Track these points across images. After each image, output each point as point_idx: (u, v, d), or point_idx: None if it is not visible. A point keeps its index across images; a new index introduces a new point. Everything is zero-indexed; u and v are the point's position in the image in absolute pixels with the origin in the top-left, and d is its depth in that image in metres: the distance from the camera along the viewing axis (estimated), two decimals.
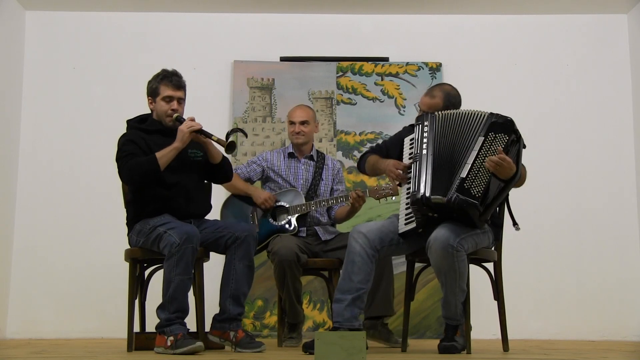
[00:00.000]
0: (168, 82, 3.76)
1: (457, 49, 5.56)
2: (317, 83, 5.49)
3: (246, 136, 4.89)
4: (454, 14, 5.58)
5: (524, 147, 3.50)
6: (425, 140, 3.47)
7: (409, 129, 3.73)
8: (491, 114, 3.45)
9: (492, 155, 3.32)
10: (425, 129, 3.49)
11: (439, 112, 3.55)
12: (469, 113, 3.49)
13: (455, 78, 5.47)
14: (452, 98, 3.69)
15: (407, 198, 3.51)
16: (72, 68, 5.47)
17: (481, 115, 3.46)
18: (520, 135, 3.44)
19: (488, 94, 5.38)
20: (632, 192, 5.36)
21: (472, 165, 3.33)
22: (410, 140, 3.61)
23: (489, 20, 5.59)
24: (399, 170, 3.56)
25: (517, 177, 3.37)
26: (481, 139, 3.38)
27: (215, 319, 3.70)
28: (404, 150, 3.66)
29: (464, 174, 3.32)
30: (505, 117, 3.43)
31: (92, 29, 5.52)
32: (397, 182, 3.68)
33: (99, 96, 5.44)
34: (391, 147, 3.79)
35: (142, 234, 3.65)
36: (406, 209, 3.51)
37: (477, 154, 3.35)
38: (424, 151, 3.45)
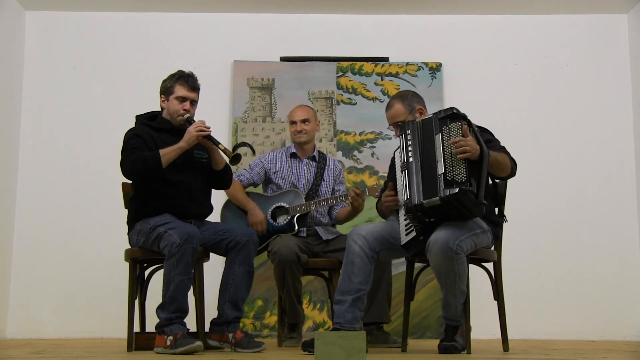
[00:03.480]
0: (184, 82, 3.77)
1: (457, 49, 5.57)
2: (317, 83, 5.48)
3: (253, 152, 4.85)
4: (454, 14, 5.58)
5: (485, 129, 3.57)
6: (410, 148, 3.49)
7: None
8: (434, 113, 3.49)
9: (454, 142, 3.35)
10: (409, 137, 3.52)
11: (417, 120, 3.56)
12: (426, 118, 3.51)
13: (455, 78, 5.50)
14: (409, 98, 3.76)
15: (403, 208, 3.51)
16: (72, 68, 5.47)
17: (429, 117, 3.49)
18: (468, 119, 3.43)
19: (488, 94, 5.39)
20: (632, 192, 5.36)
21: (444, 159, 3.35)
22: (399, 152, 3.62)
23: (489, 20, 5.59)
24: (389, 198, 3.58)
25: (485, 153, 3.35)
26: (438, 135, 3.41)
27: (214, 322, 3.71)
28: (396, 164, 3.67)
29: (441, 170, 3.34)
30: (448, 109, 3.46)
31: (92, 29, 5.52)
32: (395, 206, 3.64)
33: (99, 96, 5.44)
34: (391, 179, 3.78)
35: (143, 233, 3.66)
36: (405, 219, 3.52)
37: (442, 148, 3.37)
38: (411, 159, 3.47)
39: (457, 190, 3.28)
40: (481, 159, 3.34)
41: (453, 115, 3.42)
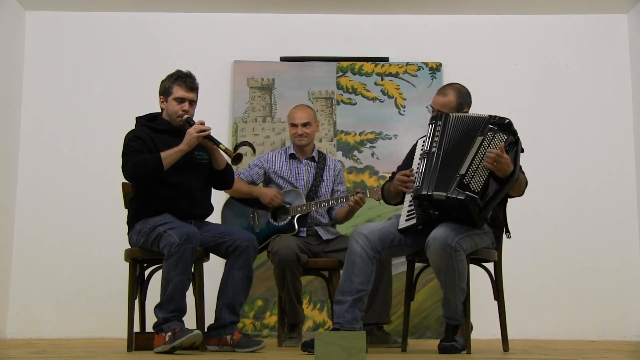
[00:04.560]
0: (182, 82, 3.76)
1: (457, 49, 5.56)
2: (317, 83, 5.48)
3: (254, 151, 4.81)
4: (454, 14, 5.58)
5: (522, 151, 3.50)
6: (436, 139, 3.50)
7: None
8: (490, 115, 3.47)
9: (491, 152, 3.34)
10: (438, 128, 3.52)
11: (454, 114, 3.56)
12: (474, 116, 3.52)
13: (455, 78, 5.45)
14: (464, 96, 3.73)
15: (411, 194, 3.51)
16: (72, 68, 5.47)
17: (481, 117, 3.49)
18: (518, 137, 3.45)
19: (488, 94, 5.35)
20: (632, 192, 5.36)
21: (471, 162, 3.35)
22: (423, 140, 3.62)
23: (489, 20, 5.59)
24: (404, 177, 3.55)
25: (514, 176, 3.37)
26: (480, 137, 3.41)
27: (211, 328, 3.70)
28: (416, 150, 3.67)
29: (462, 171, 3.34)
30: (504, 118, 3.46)
31: (92, 29, 5.52)
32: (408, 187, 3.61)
33: (99, 96, 5.44)
34: (405, 164, 3.76)
35: (142, 233, 3.66)
36: (409, 205, 3.52)
37: (476, 151, 3.38)
38: (434, 149, 3.48)
39: (463, 197, 3.28)
40: (507, 179, 3.34)
41: (504, 126, 3.42)
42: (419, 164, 3.53)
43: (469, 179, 3.33)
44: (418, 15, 5.58)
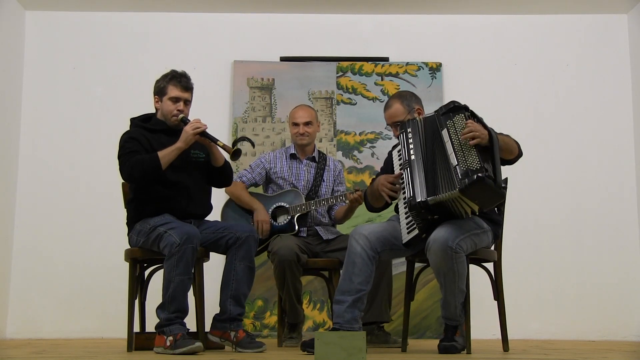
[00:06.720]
0: (177, 82, 3.77)
1: (457, 49, 5.57)
2: (317, 83, 5.49)
3: (253, 145, 4.79)
4: (454, 14, 5.58)
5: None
6: (411, 146, 3.48)
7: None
8: (436, 110, 3.52)
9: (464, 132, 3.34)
10: (409, 135, 3.50)
11: (417, 118, 3.56)
12: (427, 116, 3.54)
13: (455, 78, 5.50)
14: (407, 98, 3.76)
15: (405, 207, 3.50)
16: (72, 68, 5.47)
17: (432, 115, 3.52)
18: (469, 108, 3.45)
19: (488, 94, 5.39)
20: (632, 192, 5.36)
21: (455, 151, 3.31)
22: (398, 151, 3.61)
23: (489, 20, 5.60)
24: (389, 183, 3.55)
25: (494, 137, 3.33)
26: (444, 131, 3.40)
27: (216, 318, 3.70)
28: (394, 162, 3.66)
29: (454, 162, 3.30)
30: (448, 104, 3.48)
31: (92, 29, 5.52)
32: (392, 195, 3.59)
33: (99, 96, 5.44)
34: (385, 173, 3.76)
35: (142, 233, 3.66)
36: (406, 217, 3.50)
37: (451, 142, 3.35)
38: (412, 157, 3.45)
39: (474, 177, 3.20)
40: (491, 143, 3.31)
41: (455, 108, 3.43)
42: (402, 176, 3.51)
43: (464, 164, 3.26)
44: (418, 15, 5.59)
